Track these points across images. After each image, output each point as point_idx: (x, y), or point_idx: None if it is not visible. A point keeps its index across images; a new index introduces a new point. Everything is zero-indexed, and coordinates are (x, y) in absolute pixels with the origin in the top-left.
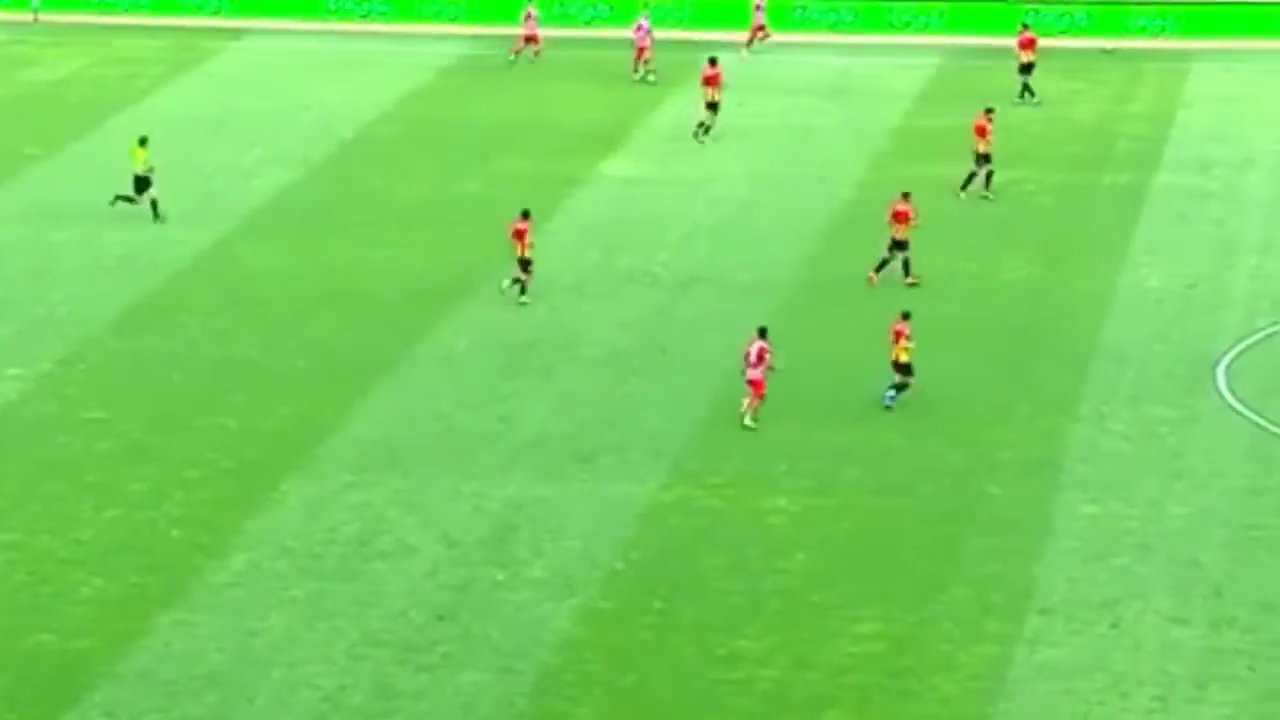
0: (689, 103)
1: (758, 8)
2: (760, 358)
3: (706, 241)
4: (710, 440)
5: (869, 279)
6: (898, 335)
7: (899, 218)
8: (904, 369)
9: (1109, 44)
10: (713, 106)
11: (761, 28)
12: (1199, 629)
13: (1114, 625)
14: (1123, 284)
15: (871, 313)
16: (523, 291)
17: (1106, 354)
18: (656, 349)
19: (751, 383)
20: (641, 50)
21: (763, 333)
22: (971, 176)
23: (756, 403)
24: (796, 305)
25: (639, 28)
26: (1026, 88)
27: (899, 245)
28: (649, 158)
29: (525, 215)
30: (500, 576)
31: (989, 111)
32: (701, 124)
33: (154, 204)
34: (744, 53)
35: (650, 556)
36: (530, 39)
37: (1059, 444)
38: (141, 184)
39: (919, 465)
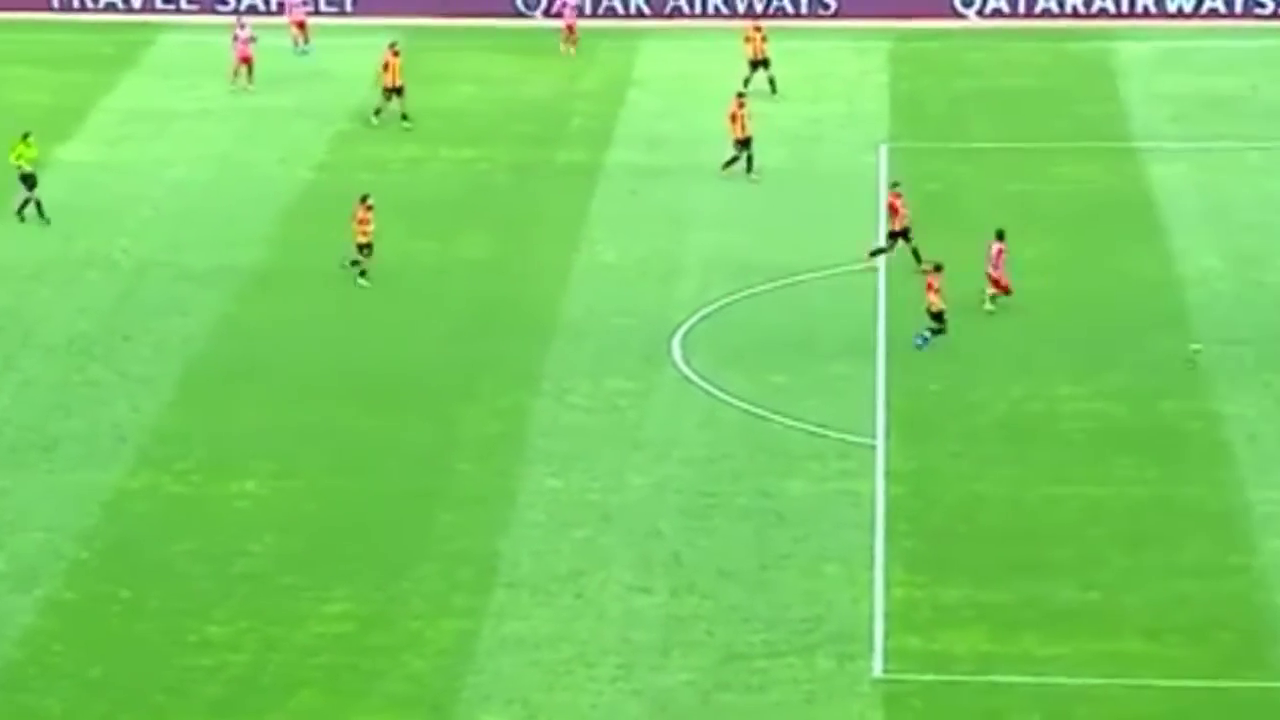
0: (142, 85)
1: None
2: (1000, 255)
3: (167, 226)
4: (175, 426)
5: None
6: (929, 286)
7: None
8: (937, 317)
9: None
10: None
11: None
12: (660, 596)
13: (579, 596)
14: (579, 260)
15: (334, 296)
16: (362, 274)
17: (566, 329)
18: (119, 335)
19: (995, 280)
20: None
21: (1000, 235)
22: (749, 160)
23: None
24: (259, 288)
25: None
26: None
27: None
28: (105, 142)
29: (364, 200)
30: None
31: (740, 96)
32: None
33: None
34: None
35: (116, 544)
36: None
37: (522, 419)
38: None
39: (385, 444)
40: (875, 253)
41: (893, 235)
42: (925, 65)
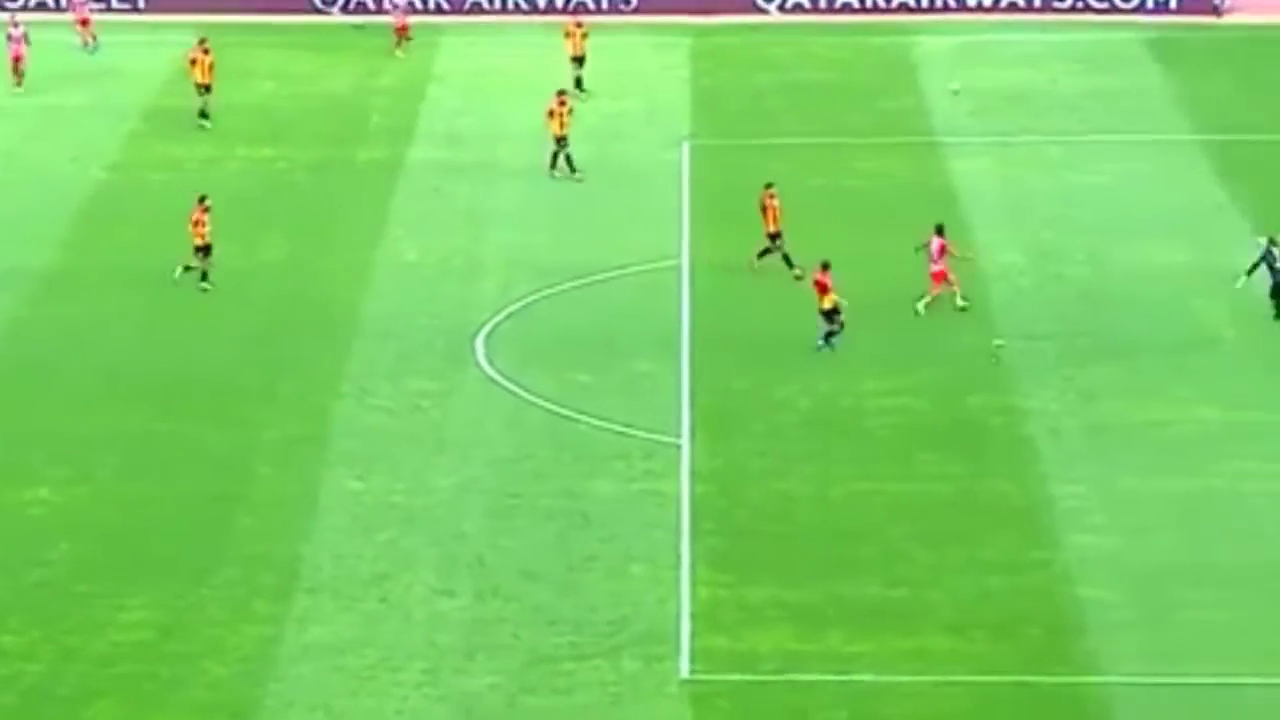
0: None
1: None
2: (941, 251)
3: None
4: None
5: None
6: (821, 286)
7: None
8: (829, 315)
9: (359, 19)
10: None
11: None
12: (465, 599)
13: (383, 600)
14: (380, 259)
15: (129, 297)
16: (204, 278)
17: (367, 329)
18: None
19: (934, 275)
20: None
21: (939, 230)
22: (554, 157)
23: (955, 289)
24: (51, 290)
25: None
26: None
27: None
28: None
29: (202, 201)
30: None
31: (561, 93)
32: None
33: None
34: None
35: None
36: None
37: (324, 421)
38: None
39: (182, 448)
40: (762, 254)
41: (770, 237)
42: (726, 60)
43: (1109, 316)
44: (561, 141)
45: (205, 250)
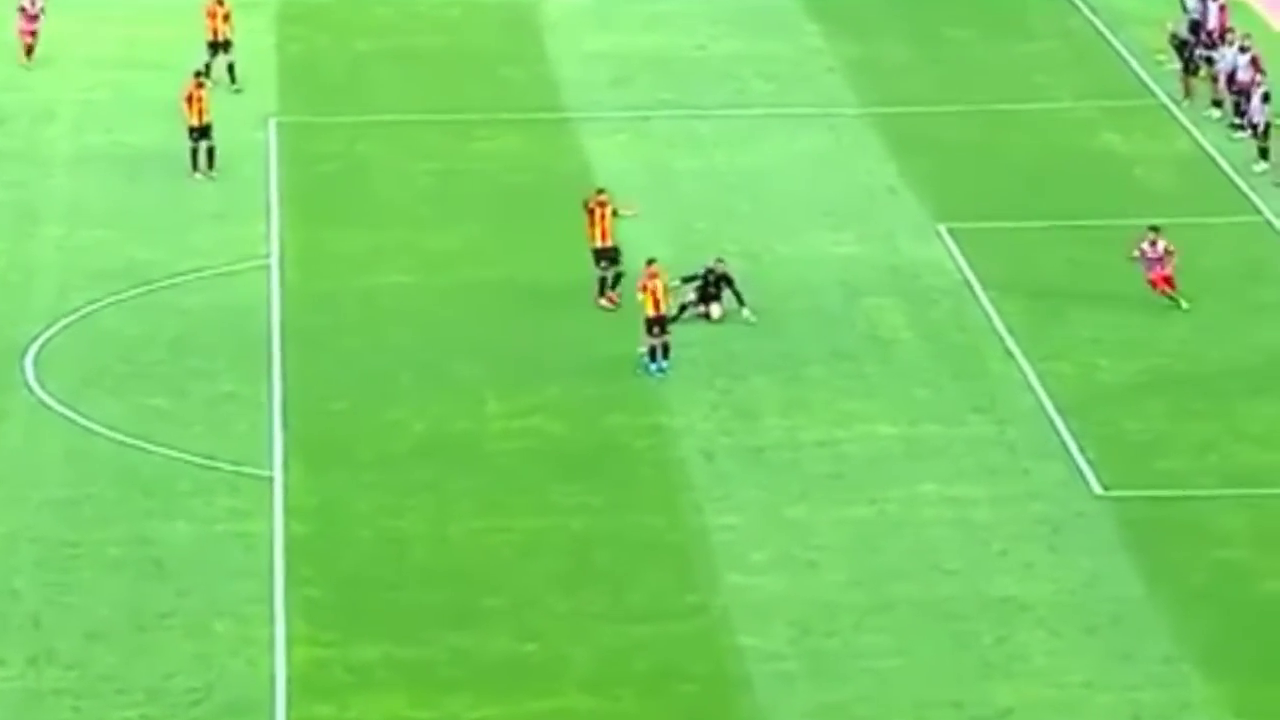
0: None
1: None
2: (1168, 251)
3: None
4: None
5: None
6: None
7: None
8: (651, 326)
9: None
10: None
11: None
12: (15, 668)
13: None
14: None
15: None
16: None
17: None
18: None
19: (1161, 279)
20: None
21: (1155, 229)
22: (207, 151)
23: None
24: None
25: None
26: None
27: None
28: None
29: None
30: None
31: (199, 75)
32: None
33: None
34: None
35: None
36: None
37: None
38: None
39: None
40: (614, 283)
41: (600, 254)
42: (319, 24)
43: (769, 319)
44: (201, 133)
45: None
